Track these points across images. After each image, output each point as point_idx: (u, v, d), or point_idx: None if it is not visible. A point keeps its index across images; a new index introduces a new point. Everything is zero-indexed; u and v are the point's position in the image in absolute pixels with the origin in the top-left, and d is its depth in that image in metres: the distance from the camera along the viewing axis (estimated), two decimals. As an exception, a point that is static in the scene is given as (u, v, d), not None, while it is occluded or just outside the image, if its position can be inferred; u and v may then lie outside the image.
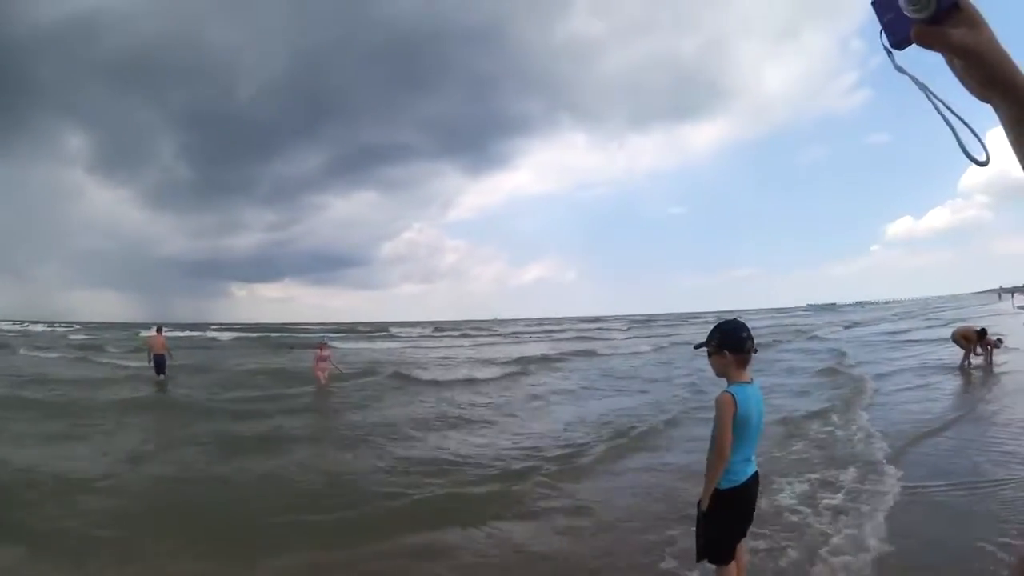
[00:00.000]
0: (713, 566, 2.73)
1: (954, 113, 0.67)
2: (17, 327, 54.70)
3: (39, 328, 53.51)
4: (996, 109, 0.65)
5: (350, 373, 14.32)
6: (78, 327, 59.97)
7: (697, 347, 2.67)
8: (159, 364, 13.49)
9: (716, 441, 2.52)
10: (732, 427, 2.48)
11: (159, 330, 14.43)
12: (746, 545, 2.90)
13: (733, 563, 2.74)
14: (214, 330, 49.76)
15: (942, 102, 0.67)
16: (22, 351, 24.90)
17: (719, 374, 2.61)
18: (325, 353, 13.08)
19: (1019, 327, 19.15)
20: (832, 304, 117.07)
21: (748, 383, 2.58)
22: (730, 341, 2.55)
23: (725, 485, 2.57)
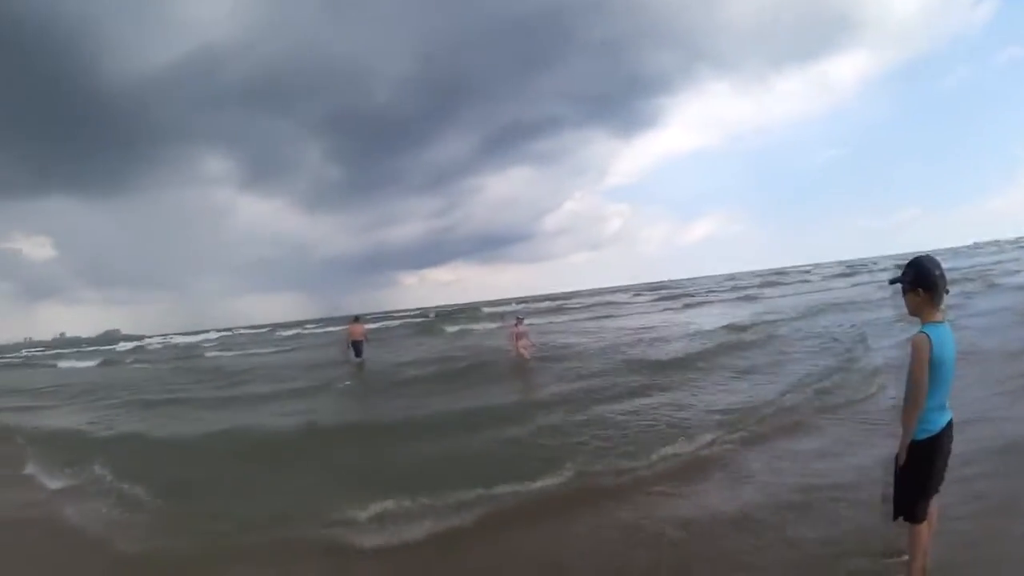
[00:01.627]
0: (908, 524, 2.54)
1: None
2: (161, 341, 58.24)
3: (179, 339, 56.62)
4: None
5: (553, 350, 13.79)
6: (230, 332, 64.28)
7: (892, 282, 2.54)
8: (357, 349, 15.11)
9: (911, 387, 2.36)
10: (928, 371, 2.32)
11: (357, 319, 16.21)
12: (938, 502, 2.65)
13: (925, 523, 2.55)
14: (376, 318, 49.44)
15: None
16: (133, 363, 27.28)
17: (912, 313, 2.47)
18: (521, 329, 12.91)
19: None
20: (996, 241, 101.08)
21: (941, 323, 2.40)
22: (924, 278, 2.40)
23: (920, 436, 2.41)
